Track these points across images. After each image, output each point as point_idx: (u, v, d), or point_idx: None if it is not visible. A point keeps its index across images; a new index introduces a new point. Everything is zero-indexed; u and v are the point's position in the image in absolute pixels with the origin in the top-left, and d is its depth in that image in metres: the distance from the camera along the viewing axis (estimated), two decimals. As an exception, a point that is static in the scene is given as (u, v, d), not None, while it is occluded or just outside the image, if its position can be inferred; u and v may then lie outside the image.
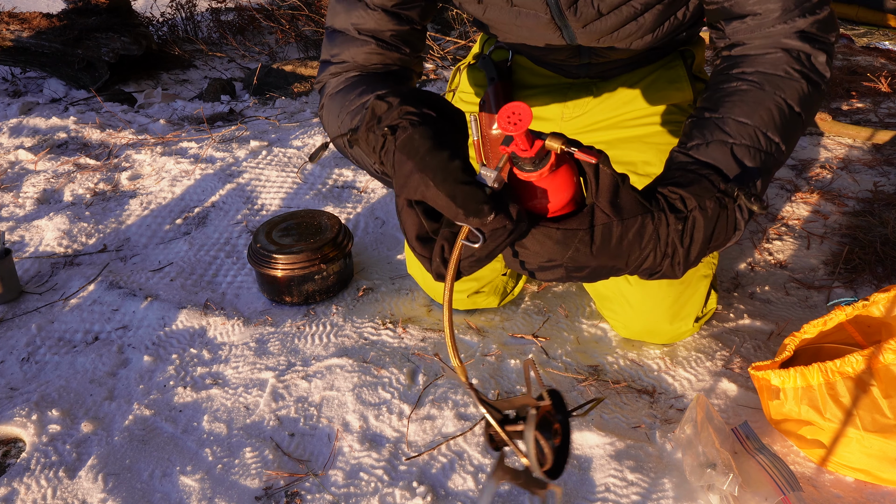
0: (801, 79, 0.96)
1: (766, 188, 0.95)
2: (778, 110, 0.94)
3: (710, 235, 0.83)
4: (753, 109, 0.93)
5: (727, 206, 0.84)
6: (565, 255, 0.75)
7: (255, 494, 1.15)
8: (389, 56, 1.15)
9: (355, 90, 1.06)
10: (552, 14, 1.13)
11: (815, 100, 0.99)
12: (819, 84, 0.98)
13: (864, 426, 1.07)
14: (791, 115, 0.95)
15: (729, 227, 0.85)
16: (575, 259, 0.76)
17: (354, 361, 1.41)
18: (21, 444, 1.28)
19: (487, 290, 1.48)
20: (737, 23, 1.01)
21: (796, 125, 0.96)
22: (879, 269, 1.67)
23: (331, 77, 1.14)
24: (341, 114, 1.05)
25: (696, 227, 0.81)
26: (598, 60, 1.30)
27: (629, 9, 1.11)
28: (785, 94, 0.95)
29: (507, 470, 0.73)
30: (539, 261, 0.77)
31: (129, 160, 2.36)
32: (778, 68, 0.96)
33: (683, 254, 0.82)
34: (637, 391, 1.32)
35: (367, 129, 0.82)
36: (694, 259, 0.83)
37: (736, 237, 0.87)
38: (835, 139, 2.41)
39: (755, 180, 0.90)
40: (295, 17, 4.22)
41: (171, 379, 1.40)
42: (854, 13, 4.29)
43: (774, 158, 0.93)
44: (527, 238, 0.75)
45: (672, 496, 1.10)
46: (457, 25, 3.87)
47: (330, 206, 2.01)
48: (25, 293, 1.70)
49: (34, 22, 3.62)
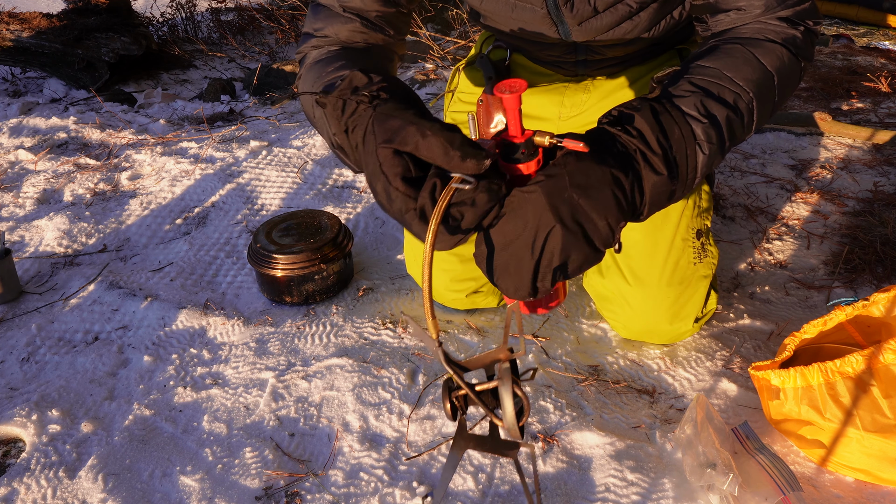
0: (778, 46, 0.96)
1: (734, 126, 0.91)
2: (745, 61, 0.94)
3: (657, 125, 0.82)
4: (719, 56, 0.94)
5: (661, 103, 0.85)
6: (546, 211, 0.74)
7: (255, 494, 1.15)
8: (373, 36, 1.15)
9: (335, 63, 1.05)
10: (548, 9, 1.14)
11: (792, 69, 0.98)
12: (796, 56, 0.98)
13: (864, 426, 1.07)
14: (762, 71, 0.94)
15: (676, 119, 0.84)
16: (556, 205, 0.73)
17: (354, 361, 1.41)
18: (21, 444, 1.28)
19: (486, 289, 1.48)
20: (721, 15, 1.02)
21: (768, 83, 0.95)
22: (879, 269, 1.67)
23: (312, 49, 1.14)
24: (316, 83, 1.04)
25: (637, 122, 0.81)
26: (594, 58, 1.30)
27: (625, 7, 1.12)
28: (757, 52, 0.95)
29: (470, 437, 0.71)
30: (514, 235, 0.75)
31: (129, 160, 2.36)
32: (756, 34, 0.98)
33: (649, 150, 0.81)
34: (637, 391, 1.32)
35: (338, 95, 0.84)
36: (661, 152, 0.81)
37: (700, 130, 0.86)
38: (835, 139, 2.41)
39: (702, 96, 0.89)
40: (295, 17, 4.22)
41: (171, 379, 1.40)
42: (854, 13, 4.30)
43: (739, 97, 0.92)
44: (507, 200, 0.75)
45: (672, 496, 1.10)
46: (457, 25, 3.87)
47: (330, 206, 2.01)
48: (25, 293, 1.70)
49: (34, 22, 3.62)
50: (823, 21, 1.10)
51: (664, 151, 0.82)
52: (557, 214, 0.74)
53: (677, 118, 0.86)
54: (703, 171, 0.88)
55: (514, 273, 0.76)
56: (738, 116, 0.91)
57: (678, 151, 0.84)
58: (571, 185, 0.74)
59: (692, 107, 0.87)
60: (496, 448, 0.72)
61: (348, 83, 0.85)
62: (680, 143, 0.85)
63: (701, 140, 0.87)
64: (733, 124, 0.91)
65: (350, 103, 0.82)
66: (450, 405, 0.70)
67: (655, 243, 1.31)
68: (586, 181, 0.75)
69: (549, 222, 0.74)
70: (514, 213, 0.75)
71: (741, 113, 0.92)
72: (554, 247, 0.75)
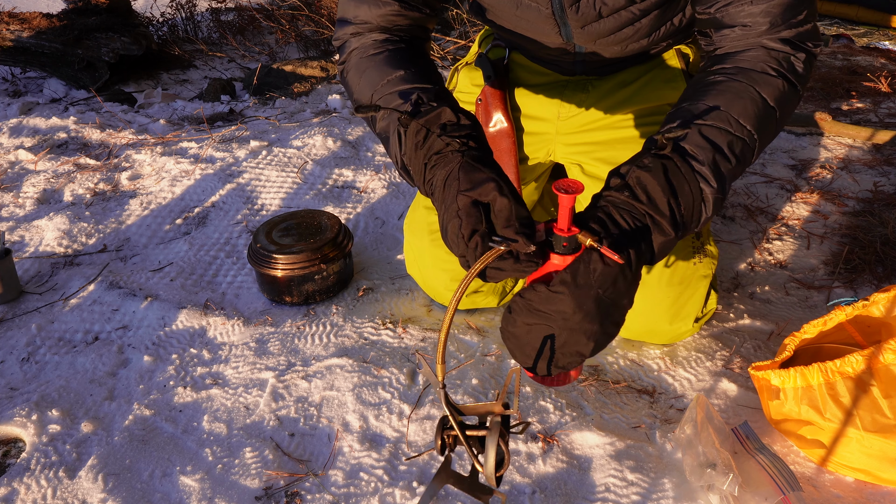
0: (777, 77, 0.99)
1: (736, 176, 0.95)
2: (751, 101, 0.96)
3: (668, 186, 0.85)
4: (726, 97, 0.96)
5: (672, 160, 0.87)
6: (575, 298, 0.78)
7: (255, 494, 1.15)
8: (410, 16, 1.18)
9: (390, 68, 1.10)
10: (553, 10, 1.14)
11: (791, 99, 1.01)
12: (796, 85, 1.01)
13: (864, 426, 1.07)
14: (765, 108, 0.97)
15: (687, 178, 0.87)
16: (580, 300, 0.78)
17: (354, 361, 1.41)
18: (21, 444, 1.28)
19: (486, 289, 1.48)
20: (726, 30, 1.03)
21: (770, 118, 0.98)
22: (879, 269, 1.67)
23: (352, 37, 1.17)
24: (376, 91, 1.09)
25: (648, 183, 0.85)
26: (593, 59, 1.30)
27: (628, 13, 1.13)
28: (760, 87, 0.97)
29: (452, 474, 0.78)
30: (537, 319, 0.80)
31: (129, 160, 2.36)
32: (756, 64, 0.99)
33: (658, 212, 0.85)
34: (637, 391, 1.32)
35: (425, 125, 0.92)
36: (669, 214, 0.85)
37: (708, 189, 0.89)
38: (835, 139, 2.41)
39: (713, 152, 0.91)
40: (295, 17, 4.22)
41: (171, 379, 1.40)
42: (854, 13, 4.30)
43: (746, 144, 0.95)
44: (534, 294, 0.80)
45: (672, 496, 1.10)
46: (457, 25, 3.87)
47: (330, 206, 2.01)
48: (25, 293, 1.70)
49: (34, 22, 3.62)
50: (822, 44, 1.12)
51: (672, 214, 0.86)
52: (585, 313, 0.78)
53: (688, 177, 0.88)
54: (703, 223, 0.93)
55: (528, 355, 0.82)
56: (741, 165, 0.95)
57: (686, 210, 0.88)
58: (599, 288, 0.79)
59: (705, 168, 0.90)
60: (472, 490, 0.80)
61: (436, 117, 0.93)
62: (689, 202, 0.88)
63: (707, 199, 0.90)
64: (735, 175, 0.95)
65: (436, 142, 0.91)
66: (440, 442, 0.77)
67: (655, 243, 1.31)
68: (611, 279, 0.80)
69: (576, 320, 0.78)
70: (542, 309, 0.79)
71: (745, 161, 0.96)
72: (576, 340, 0.80)
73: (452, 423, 0.75)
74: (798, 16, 1.00)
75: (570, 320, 0.78)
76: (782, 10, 0.99)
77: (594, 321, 0.79)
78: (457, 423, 0.75)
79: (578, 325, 0.79)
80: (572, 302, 0.78)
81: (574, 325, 0.79)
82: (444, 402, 0.75)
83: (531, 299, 0.80)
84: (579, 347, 0.80)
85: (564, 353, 0.81)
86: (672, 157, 0.88)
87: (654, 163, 0.86)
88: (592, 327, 0.79)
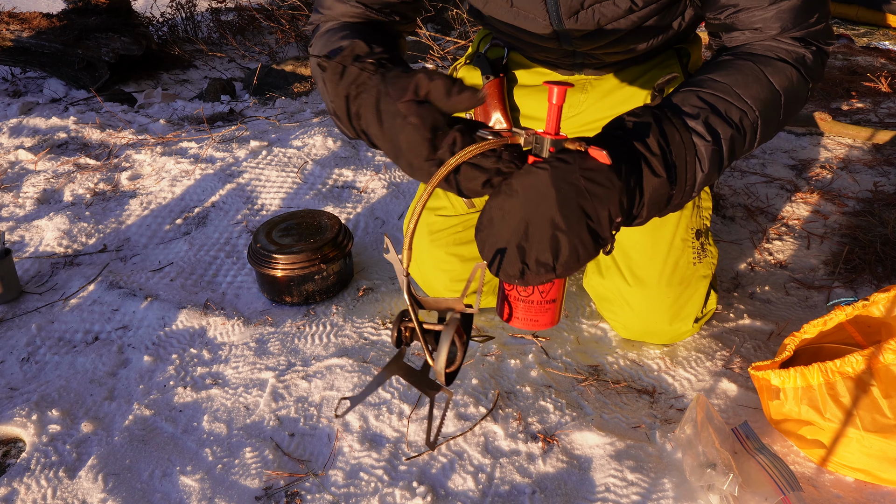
0: (788, 66, 0.98)
1: (735, 144, 0.92)
2: (755, 80, 0.95)
3: (658, 130, 0.84)
4: (730, 73, 0.95)
5: (664, 112, 0.87)
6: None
7: (255, 494, 1.15)
8: (381, 21, 1.16)
9: (342, 31, 1.07)
10: (550, 20, 1.14)
11: (800, 91, 0.99)
12: (806, 77, 0.99)
13: (864, 426, 1.07)
14: (770, 90, 0.96)
15: (678, 128, 0.86)
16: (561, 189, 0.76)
17: (354, 361, 1.41)
18: (21, 444, 1.28)
19: (486, 289, 1.48)
20: (736, 33, 1.03)
21: (774, 103, 0.96)
22: (879, 269, 1.67)
23: (322, 21, 1.16)
24: (322, 50, 1.06)
25: (639, 127, 0.84)
26: (591, 61, 1.31)
27: (626, 22, 1.13)
28: (767, 70, 0.96)
29: (403, 366, 0.77)
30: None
31: (129, 160, 2.36)
32: (766, 51, 0.99)
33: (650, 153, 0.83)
34: (637, 391, 1.32)
35: (339, 61, 0.87)
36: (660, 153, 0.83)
37: (701, 143, 0.88)
38: (835, 139, 2.41)
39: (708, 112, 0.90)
40: (295, 17, 4.22)
41: (171, 379, 1.40)
42: (854, 13, 4.30)
43: (745, 115, 0.93)
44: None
45: (672, 496, 1.10)
46: (457, 25, 3.87)
47: (330, 206, 2.01)
48: (25, 293, 1.70)
49: (34, 22, 3.62)
50: (834, 43, 1.14)
51: (663, 154, 0.83)
52: (561, 194, 0.74)
53: (679, 126, 0.87)
54: (700, 185, 0.90)
55: (495, 245, 0.78)
56: (741, 135, 0.93)
57: (678, 156, 0.85)
58: (581, 170, 0.75)
59: (697, 123, 0.89)
60: (420, 384, 0.78)
61: (350, 51, 0.88)
62: (679, 148, 0.86)
63: (701, 153, 0.88)
64: (735, 143, 0.92)
65: (351, 70, 0.85)
66: (397, 333, 0.76)
67: (655, 243, 1.32)
68: (596, 169, 0.76)
69: (550, 200, 0.74)
70: (518, 188, 0.76)
71: (745, 131, 0.93)
72: (547, 227, 0.76)
73: (411, 314, 0.74)
74: (810, 18, 0.99)
75: (543, 202, 0.75)
76: (793, 14, 0.98)
77: (569, 210, 0.75)
78: (415, 316, 0.74)
79: (551, 209, 0.74)
80: (549, 178, 0.74)
81: (546, 211, 0.75)
82: (405, 291, 0.73)
83: (511, 180, 0.77)
84: (548, 243, 0.76)
85: (532, 247, 0.76)
86: (664, 110, 0.88)
87: (645, 111, 0.86)
88: (565, 216, 0.75)
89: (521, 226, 0.76)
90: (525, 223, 0.76)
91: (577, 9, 1.10)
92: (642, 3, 1.08)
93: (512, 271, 0.78)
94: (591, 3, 1.09)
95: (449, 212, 1.45)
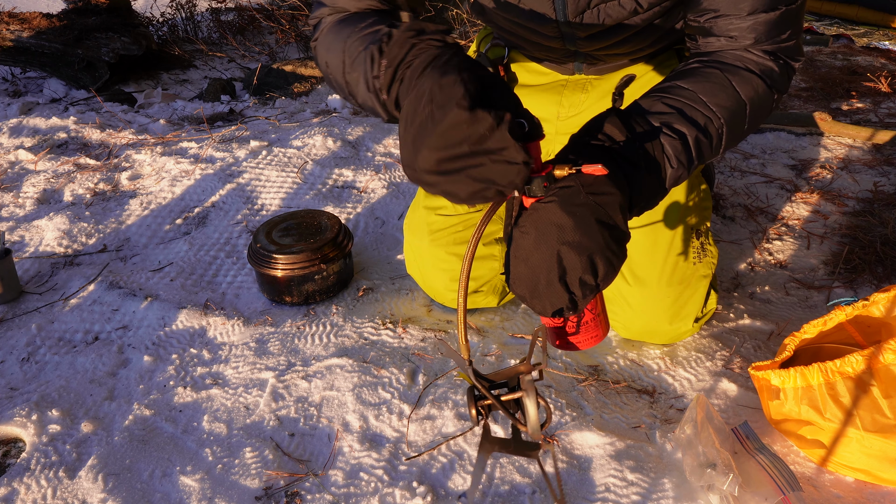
0: (755, 76, 1.01)
1: (702, 147, 0.94)
2: (721, 87, 0.98)
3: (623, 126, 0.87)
4: (698, 80, 0.98)
5: (628, 111, 0.90)
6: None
7: (255, 494, 1.15)
8: (386, 12, 1.13)
9: (367, 19, 1.02)
10: (557, 18, 1.15)
11: (765, 101, 1.03)
12: (772, 89, 1.03)
13: (864, 426, 1.07)
14: (735, 99, 0.99)
15: (640, 123, 0.90)
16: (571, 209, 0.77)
17: (354, 361, 1.41)
18: (21, 444, 1.28)
19: (486, 289, 1.48)
20: (712, 39, 1.06)
21: (739, 111, 0.99)
22: (879, 269, 1.67)
23: (328, 14, 1.11)
24: (350, 38, 0.99)
25: (605, 126, 0.86)
26: (592, 61, 1.31)
27: (631, 23, 1.14)
28: (734, 80, 0.99)
29: (495, 440, 0.78)
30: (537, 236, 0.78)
31: (129, 160, 2.36)
32: (737, 61, 1.02)
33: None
34: (637, 391, 1.32)
35: (406, 37, 0.84)
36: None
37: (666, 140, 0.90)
38: (835, 139, 2.41)
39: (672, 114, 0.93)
40: (295, 17, 4.22)
41: (171, 379, 1.40)
42: (854, 13, 4.30)
43: (710, 121, 0.95)
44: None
45: (672, 496, 1.10)
46: (457, 25, 3.87)
47: (330, 206, 2.01)
48: (25, 293, 1.70)
49: (34, 22, 3.62)
50: (802, 59, 1.18)
51: (634, 151, 0.87)
52: (576, 218, 0.76)
53: (644, 124, 0.90)
54: (670, 182, 0.92)
55: (540, 287, 0.79)
56: (706, 139, 0.95)
57: (646, 153, 0.88)
58: (584, 187, 0.77)
59: (663, 124, 0.92)
60: (519, 449, 0.80)
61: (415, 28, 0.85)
62: (649, 146, 0.89)
63: (669, 154, 0.91)
64: (702, 145, 0.95)
65: (423, 48, 0.82)
66: (475, 412, 0.77)
67: (655, 243, 1.32)
68: (596, 182, 0.78)
69: (569, 227, 0.76)
70: (531, 229, 0.77)
71: (710, 136, 0.96)
72: (578, 252, 0.77)
73: (486, 394, 0.76)
74: (782, 34, 1.02)
75: (564, 231, 0.76)
76: (768, 28, 1.01)
77: (590, 229, 0.77)
78: (491, 395, 0.76)
79: (574, 235, 0.76)
80: (560, 208, 0.76)
81: (570, 238, 0.76)
82: (473, 378, 0.75)
83: (523, 223, 0.78)
84: (586, 265, 0.77)
85: (572, 275, 0.77)
86: (631, 112, 0.91)
87: (609, 112, 0.89)
88: (590, 236, 0.77)
89: (552, 261, 0.78)
90: (555, 256, 0.77)
91: (583, 8, 1.11)
92: (647, 6, 1.10)
93: (562, 303, 0.80)
94: (598, 2, 1.09)
95: (449, 211, 1.45)
